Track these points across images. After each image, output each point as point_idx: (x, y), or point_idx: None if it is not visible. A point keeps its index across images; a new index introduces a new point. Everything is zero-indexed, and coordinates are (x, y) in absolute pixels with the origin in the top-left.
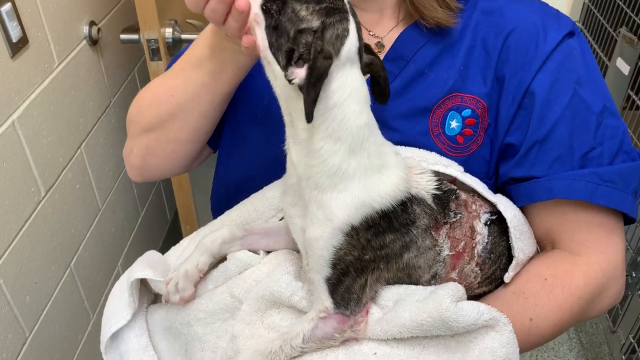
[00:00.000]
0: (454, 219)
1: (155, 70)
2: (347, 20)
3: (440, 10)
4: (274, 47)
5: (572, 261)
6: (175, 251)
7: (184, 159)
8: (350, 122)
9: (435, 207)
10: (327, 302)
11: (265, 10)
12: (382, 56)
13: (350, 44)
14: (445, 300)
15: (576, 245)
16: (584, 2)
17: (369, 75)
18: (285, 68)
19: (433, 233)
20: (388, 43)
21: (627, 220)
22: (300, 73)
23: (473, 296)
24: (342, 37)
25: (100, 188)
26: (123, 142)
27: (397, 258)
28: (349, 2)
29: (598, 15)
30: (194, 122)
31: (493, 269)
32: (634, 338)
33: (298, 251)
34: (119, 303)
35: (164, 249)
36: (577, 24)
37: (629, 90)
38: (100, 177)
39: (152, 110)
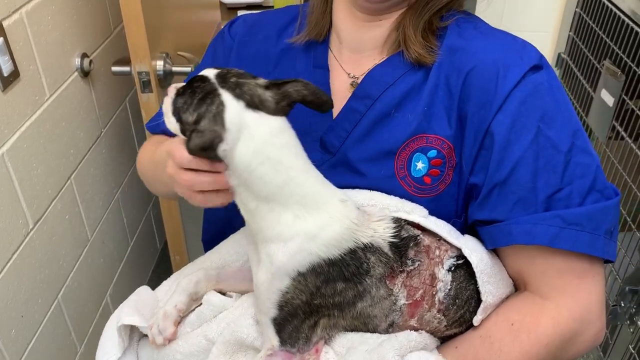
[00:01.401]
0: (411, 267)
1: (146, 102)
2: (218, 95)
3: (423, 47)
4: (183, 134)
5: (541, 306)
6: (165, 285)
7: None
8: (269, 184)
9: (391, 255)
10: (273, 340)
11: (182, 131)
12: (350, 96)
13: (232, 112)
14: (388, 354)
15: (546, 289)
16: (569, 35)
17: (289, 110)
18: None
19: (388, 282)
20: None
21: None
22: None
23: (443, 337)
24: (220, 112)
25: (89, 218)
26: (113, 172)
27: (351, 307)
28: (215, 76)
29: (583, 47)
30: (162, 192)
31: (461, 313)
32: None
33: None
34: (110, 342)
35: (153, 279)
36: (563, 55)
37: (613, 121)
38: (90, 207)
39: (142, 174)
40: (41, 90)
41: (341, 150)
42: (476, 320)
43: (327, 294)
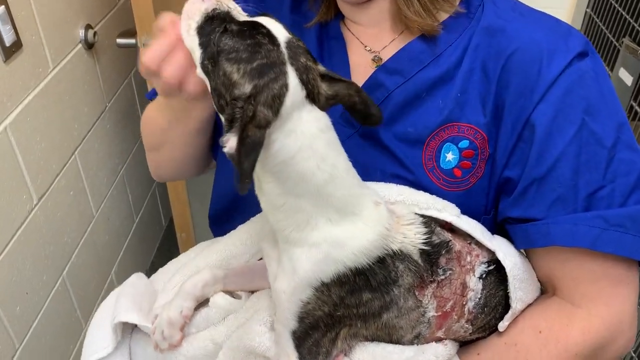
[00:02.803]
0: (442, 277)
1: None
2: (285, 73)
3: (424, 19)
4: (219, 108)
5: (571, 313)
6: (161, 276)
7: (191, 169)
8: (308, 181)
9: (422, 264)
10: (292, 356)
11: (205, 70)
12: (377, 68)
13: (293, 98)
14: None
15: (578, 296)
16: (586, 11)
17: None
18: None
19: (417, 293)
20: (386, 56)
21: None
22: (231, 142)
23: (464, 342)
24: (280, 95)
25: (94, 195)
26: (118, 147)
27: (376, 318)
28: (286, 46)
29: (601, 25)
30: (181, 147)
31: (487, 320)
32: None
33: None
34: (102, 332)
35: (158, 256)
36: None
37: (632, 101)
38: (95, 183)
39: (145, 137)
40: (44, 62)
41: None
42: (502, 327)
43: (352, 304)
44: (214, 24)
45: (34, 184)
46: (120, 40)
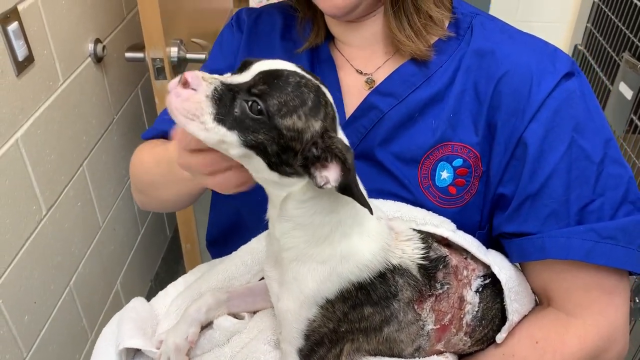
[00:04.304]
0: (440, 291)
1: (160, 89)
2: (325, 94)
3: (416, 44)
4: (277, 166)
5: (567, 323)
6: (162, 299)
7: (180, 205)
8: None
9: (420, 278)
10: None
11: (251, 145)
12: (370, 91)
13: (335, 110)
14: None
15: (572, 306)
16: (587, 26)
17: None
18: (301, 175)
19: (416, 307)
20: (379, 77)
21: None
22: (331, 176)
23: (462, 355)
24: (334, 114)
25: (101, 206)
26: (125, 159)
27: (377, 332)
28: (306, 71)
29: (601, 39)
30: (173, 198)
31: (485, 332)
32: None
33: None
34: (107, 358)
35: (163, 267)
36: (579, 47)
37: (632, 115)
38: (102, 194)
39: (136, 178)
40: (55, 76)
41: (360, 146)
42: (499, 338)
43: (354, 319)
44: (227, 103)
45: (43, 195)
46: (129, 54)
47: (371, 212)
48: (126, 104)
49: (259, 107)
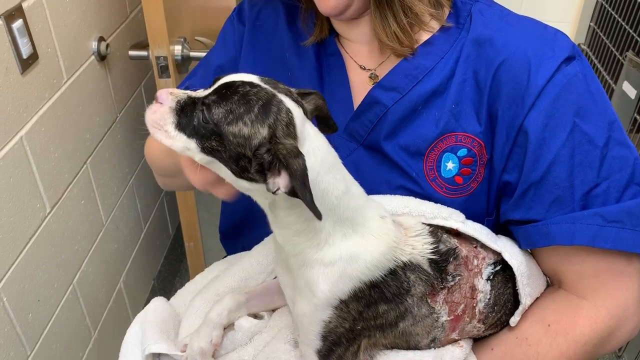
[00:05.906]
0: (452, 283)
1: (164, 87)
2: (281, 102)
3: (399, 43)
4: (239, 173)
5: (578, 305)
6: (181, 298)
7: None
8: (329, 195)
9: (431, 273)
10: None
11: (209, 152)
12: (373, 86)
13: (299, 119)
14: None
15: (582, 288)
16: (590, 25)
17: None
18: (259, 181)
19: (429, 300)
20: (382, 72)
21: None
22: (281, 181)
23: (476, 339)
24: (290, 121)
25: (104, 204)
26: (128, 157)
27: (393, 327)
28: (263, 82)
29: (605, 39)
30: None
31: (498, 317)
32: None
33: None
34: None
35: (165, 265)
36: (583, 46)
37: (635, 114)
38: (105, 192)
39: (156, 164)
40: (59, 74)
41: (368, 139)
42: (513, 322)
43: (370, 317)
44: (188, 113)
45: (47, 192)
46: (132, 52)
47: (319, 218)
48: (130, 102)
49: (207, 116)
